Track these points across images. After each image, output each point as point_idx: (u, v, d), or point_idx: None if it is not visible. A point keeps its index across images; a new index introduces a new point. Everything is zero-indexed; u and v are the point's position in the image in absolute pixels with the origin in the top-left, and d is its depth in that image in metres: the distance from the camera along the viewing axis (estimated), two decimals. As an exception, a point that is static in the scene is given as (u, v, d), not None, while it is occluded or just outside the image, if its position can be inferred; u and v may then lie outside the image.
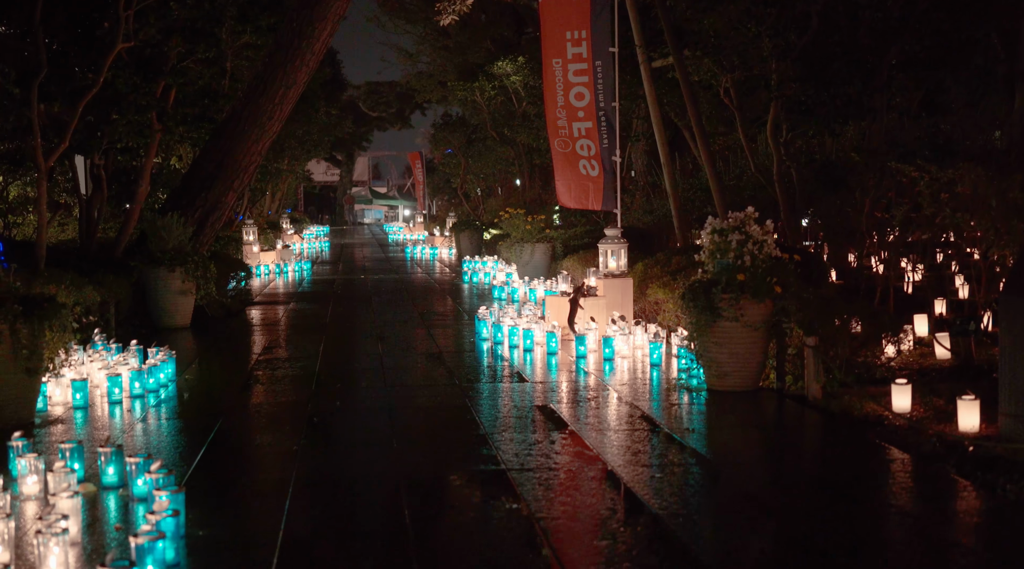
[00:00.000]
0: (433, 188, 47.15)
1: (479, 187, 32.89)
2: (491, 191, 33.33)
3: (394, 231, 48.04)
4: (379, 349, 10.72)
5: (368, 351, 10.64)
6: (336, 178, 72.01)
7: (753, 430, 7.10)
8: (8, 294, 7.20)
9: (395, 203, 72.86)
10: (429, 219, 43.42)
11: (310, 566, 4.45)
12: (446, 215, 35.52)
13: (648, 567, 4.38)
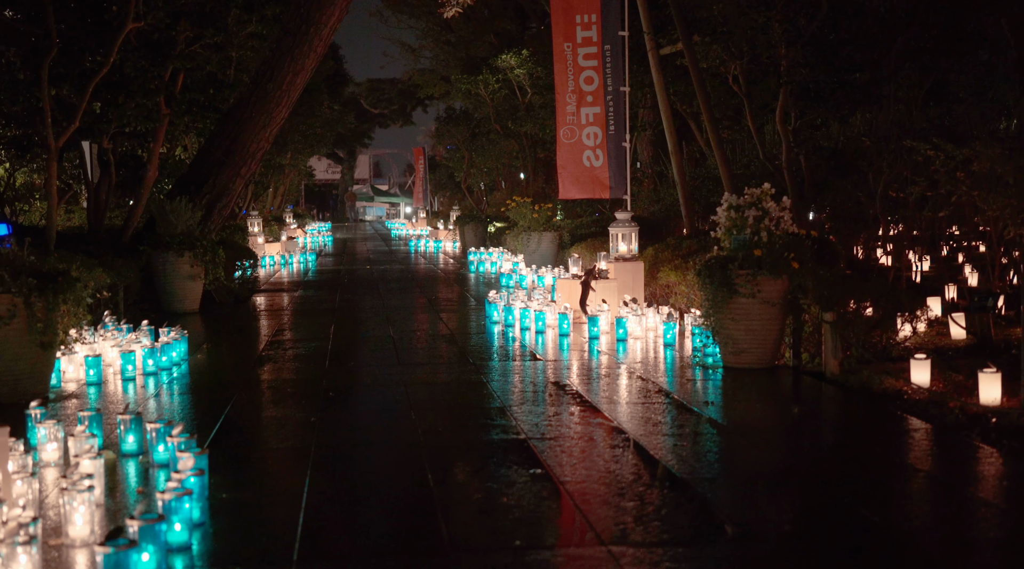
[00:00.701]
0: (436, 184, 47.11)
1: (482, 181, 32.85)
2: (495, 185, 33.28)
3: (396, 227, 47.97)
4: (390, 331, 10.69)
5: (379, 334, 10.60)
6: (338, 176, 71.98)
7: (772, 403, 7.07)
8: (22, 267, 7.15)
9: (396, 200, 72.78)
10: (432, 215, 43.37)
11: (338, 525, 4.41)
12: (449, 210, 35.48)
13: (678, 526, 4.34)
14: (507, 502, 4.64)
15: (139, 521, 3.76)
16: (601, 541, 4.11)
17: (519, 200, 17.93)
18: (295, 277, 18.51)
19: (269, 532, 4.34)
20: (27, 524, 3.74)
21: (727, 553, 4.06)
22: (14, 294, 6.99)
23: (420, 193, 49.52)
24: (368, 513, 4.58)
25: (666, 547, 4.07)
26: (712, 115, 14.08)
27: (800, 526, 4.40)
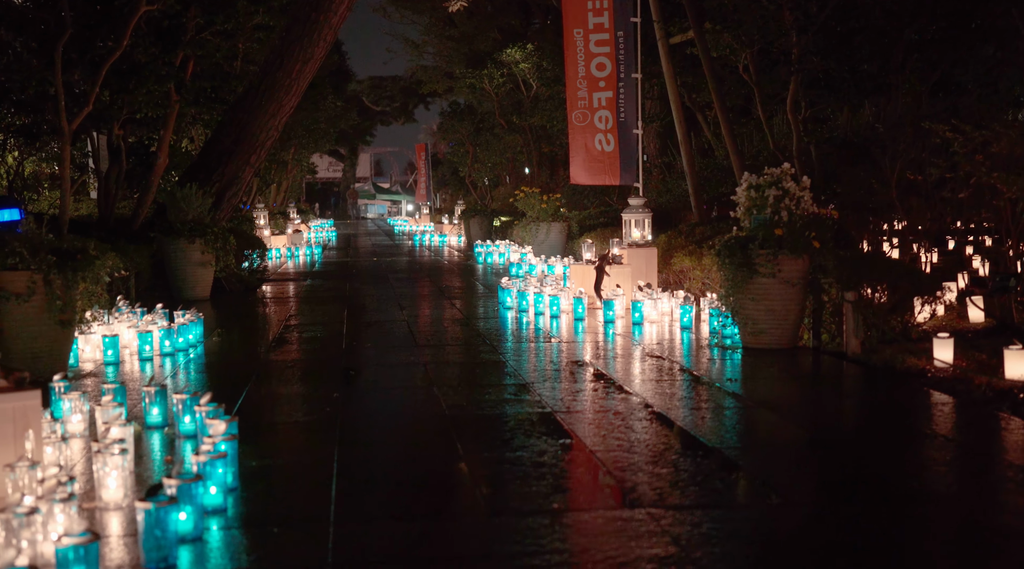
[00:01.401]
0: (438, 181, 47.05)
1: (486, 177, 32.82)
2: (498, 180, 33.26)
3: (399, 223, 47.92)
4: (404, 316, 10.66)
5: (393, 318, 10.56)
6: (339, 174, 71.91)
7: (795, 380, 7.04)
8: (41, 244, 7.12)
9: (398, 198, 72.75)
10: (434, 211, 43.32)
11: (372, 490, 4.38)
12: (453, 205, 35.43)
13: (715, 491, 4.31)
14: (540, 469, 4.61)
15: (177, 480, 3.73)
16: (639, 504, 4.08)
17: (527, 190, 17.90)
18: (302, 269, 18.48)
19: (303, 496, 4.31)
20: (64, 483, 3.71)
21: (764, 515, 4.03)
22: (33, 271, 6.96)
23: (422, 189, 49.44)
24: (401, 479, 4.55)
25: (704, 509, 4.04)
26: (723, 103, 14.04)
27: (834, 491, 4.37)
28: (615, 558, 3.48)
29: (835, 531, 3.83)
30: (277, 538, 3.77)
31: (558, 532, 3.76)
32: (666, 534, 3.73)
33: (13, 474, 3.91)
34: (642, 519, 3.89)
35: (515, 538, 3.70)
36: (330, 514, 3.99)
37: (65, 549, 3.07)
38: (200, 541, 3.72)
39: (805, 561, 3.54)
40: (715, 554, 3.58)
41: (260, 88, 14.40)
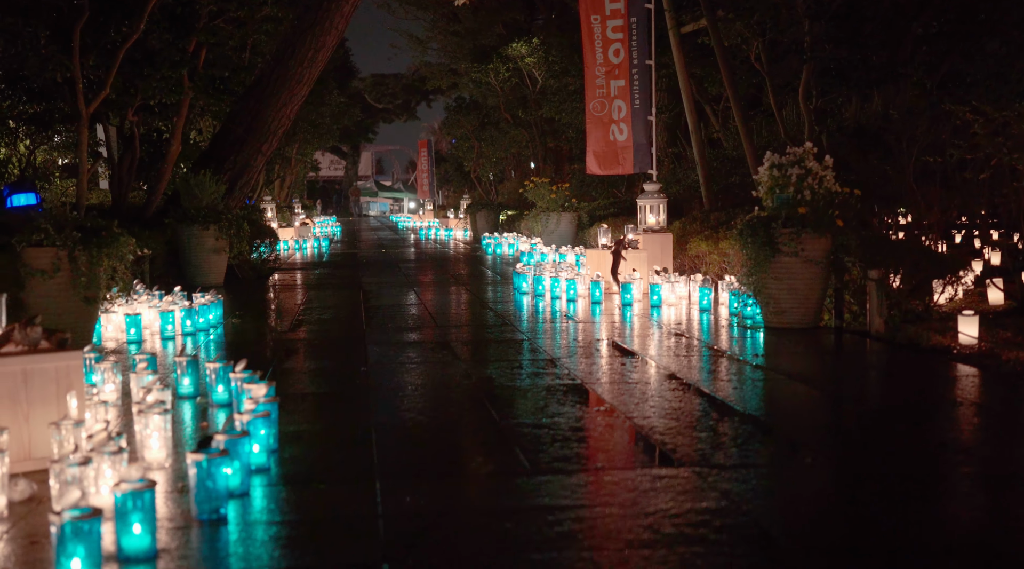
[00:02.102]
0: (441, 178, 47.02)
1: (491, 172, 32.80)
2: (503, 175, 33.24)
3: (403, 219, 47.90)
4: (421, 300, 10.65)
5: (410, 302, 10.56)
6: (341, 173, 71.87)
7: (822, 355, 7.04)
8: (66, 221, 7.12)
9: (400, 196, 72.73)
10: (437, 208, 43.30)
11: (413, 452, 4.38)
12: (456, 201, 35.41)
13: (756, 452, 4.31)
14: (578, 433, 4.61)
15: (226, 435, 3.73)
16: (684, 463, 4.07)
17: (537, 181, 17.90)
18: (312, 259, 18.47)
19: (344, 457, 4.31)
20: (114, 437, 3.71)
21: (807, 474, 4.03)
22: (59, 247, 6.97)
23: (425, 186, 49.42)
24: (441, 443, 4.55)
25: (748, 468, 4.04)
26: (736, 91, 14.03)
27: (872, 451, 4.37)
28: (666, 510, 3.48)
29: (873, 486, 3.82)
30: (324, 494, 3.77)
31: (605, 488, 3.76)
32: (714, 489, 3.73)
33: (59, 434, 3.91)
34: (688, 477, 3.89)
35: (563, 493, 3.70)
36: (373, 473, 3.99)
37: (124, 495, 3.07)
38: (247, 497, 3.71)
39: (845, 515, 3.53)
40: (764, 506, 3.58)
41: (272, 76, 14.39)
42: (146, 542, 3.10)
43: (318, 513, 3.54)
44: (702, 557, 3.07)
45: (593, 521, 3.38)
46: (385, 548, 3.16)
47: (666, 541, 3.18)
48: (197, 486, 3.45)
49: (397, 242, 25.69)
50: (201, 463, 3.44)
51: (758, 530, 3.35)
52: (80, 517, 2.81)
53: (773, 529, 3.35)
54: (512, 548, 3.14)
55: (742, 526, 3.37)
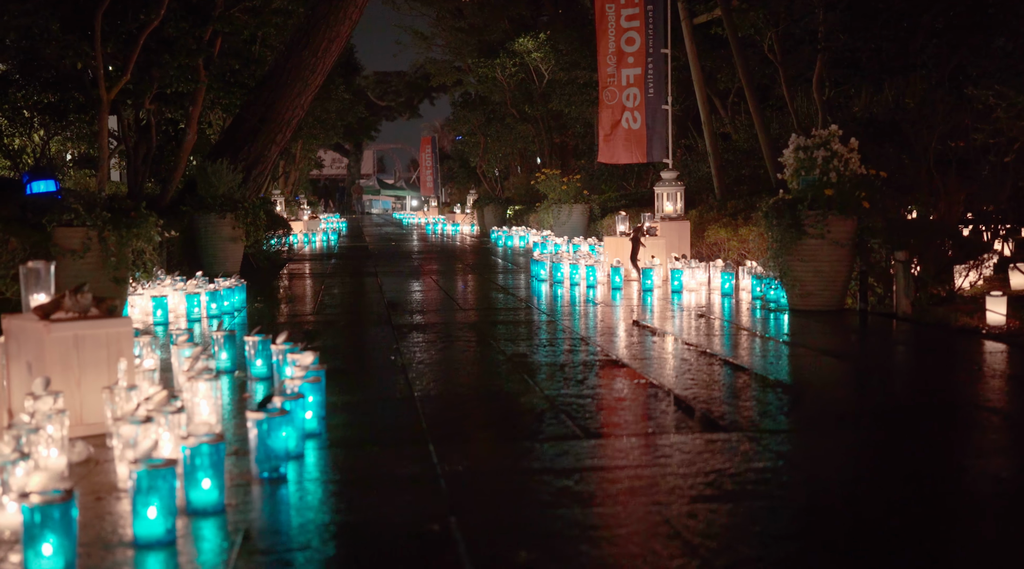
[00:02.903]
0: (445, 175, 47.00)
1: (497, 167, 32.80)
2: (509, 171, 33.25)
3: (407, 216, 47.90)
4: (439, 286, 10.66)
5: (429, 288, 10.57)
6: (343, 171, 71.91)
7: (851, 334, 7.05)
8: (95, 202, 7.14)
9: (402, 193, 72.77)
10: (442, 205, 43.31)
11: (459, 419, 4.40)
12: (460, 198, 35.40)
13: (805, 419, 4.32)
14: (622, 402, 4.63)
15: (282, 397, 3.74)
16: (732, 429, 4.09)
17: (548, 172, 17.91)
18: (323, 251, 18.49)
19: (392, 424, 4.33)
20: (172, 398, 3.72)
21: (852, 438, 4.05)
22: (89, 227, 6.99)
23: (429, 183, 49.41)
24: (487, 412, 4.56)
25: (798, 433, 4.06)
26: (751, 81, 14.04)
27: (918, 416, 4.38)
28: (724, 470, 3.49)
29: (919, 445, 3.84)
30: (378, 456, 3.78)
31: (660, 450, 3.77)
32: (768, 451, 3.74)
33: (112, 404, 3.93)
34: (740, 440, 3.90)
35: (619, 455, 3.71)
36: (425, 438, 4.00)
37: (195, 448, 3.08)
38: (301, 459, 3.72)
39: (895, 470, 3.54)
40: (820, 465, 3.59)
41: (286, 67, 14.39)
42: (214, 496, 3.11)
43: (376, 473, 3.55)
44: (769, 511, 3.09)
45: (653, 479, 3.39)
46: (449, 503, 3.17)
47: (729, 497, 3.20)
48: (258, 445, 3.46)
49: (405, 236, 25.71)
50: (262, 422, 3.45)
51: (820, 486, 3.36)
52: (159, 465, 2.82)
53: (832, 485, 3.37)
54: (578, 502, 3.15)
55: (803, 483, 3.39)
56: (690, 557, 2.68)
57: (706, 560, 2.66)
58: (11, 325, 4.21)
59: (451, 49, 36.56)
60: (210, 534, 2.92)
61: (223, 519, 3.05)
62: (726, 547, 2.77)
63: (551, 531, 2.90)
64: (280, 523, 3.03)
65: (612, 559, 2.67)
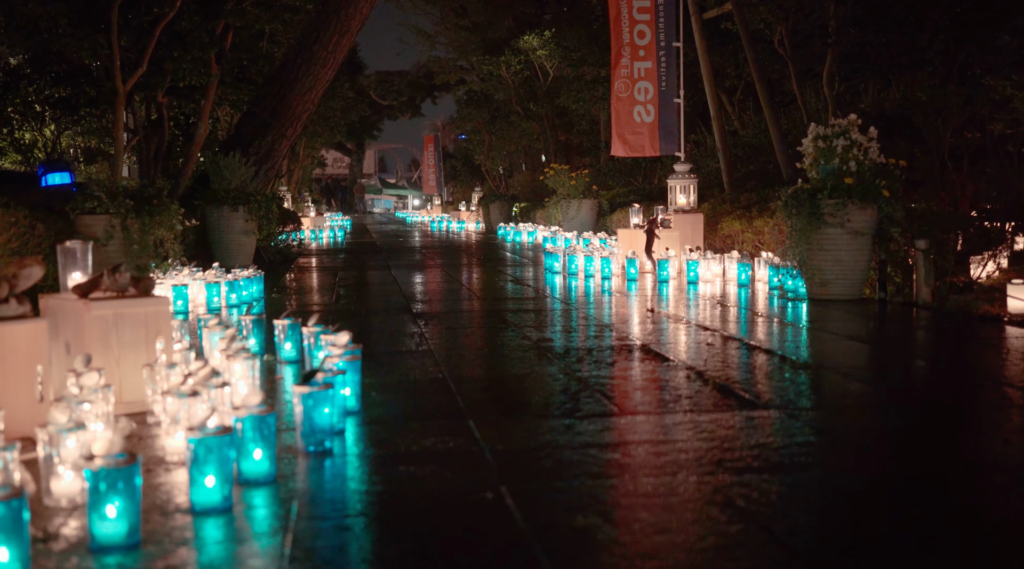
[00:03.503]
0: (447, 173, 47.00)
1: (501, 165, 32.82)
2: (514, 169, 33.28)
3: (410, 215, 47.90)
4: (454, 278, 10.67)
5: (444, 280, 10.58)
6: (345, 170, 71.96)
7: (875, 322, 7.05)
8: (118, 190, 7.15)
9: (404, 193, 72.80)
10: (445, 203, 43.32)
11: (496, 398, 4.41)
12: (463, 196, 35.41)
13: (840, 397, 4.33)
14: (655, 383, 4.64)
15: (324, 372, 3.75)
16: (769, 407, 4.10)
17: (557, 167, 17.92)
18: (331, 246, 18.50)
19: (429, 402, 4.33)
20: (214, 374, 3.72)
21: (895, 417, 4.06)
22: (112, 215, 6.99)
23: (432, 181, 49.41)
24: (521, 391, 4.57)
25: (836, 410, 4.07)
26: (762, 75, 14.05)
27: (949, 392, 4.39)
28: (767, 444, 3.50)
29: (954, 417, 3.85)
30: (420, 431, 3.79)
31: (700, 426, 3.78)
32: (809, 426, 3.76)
33: (152, 382, 3.94)
34: (779, 417, 3.92)
35: (660, 431, 3.72)
36: (463, 415, 4.01)
37: (247, 419, 3.09)
38: (342, 435, 3.73)
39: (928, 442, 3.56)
40: (864, 439, 3.61)
41: (296, 61, 14.40)
42: (265, 466, 3.12)
43: (420, 447, 3.56)
44: (819, 481, 3.10)
45: (698, 452, 3.40)
46: (498, 473, 3.18)
47: (777, 468, 3.21)
48: (304, 418, 3.47)
49: (412, 233, 25.73)
50: (308, 396, 3.46)
51: (867, 458, 3.38)
52: (216, 433, 2.83)
53: (880, 455, 3.38)
54: (625, 473, 3.17)
55: (849, 456, 3.40)
56: (748, 522, 2.69)
57: (764, 525, 2.67)
58: (49, 304, 4.22)
59: (455, 47, 36.61)
60: (264, 502, 2.93)
61: (274, 489, 3.06)
62: (782, 513, 2.78)
63: (604, 499, 2.91)
64: (333, 492, 3.04)
65: (670, 523, 2.68)
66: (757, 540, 2.57)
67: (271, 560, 2.46)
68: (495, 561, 2.46)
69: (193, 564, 2.46)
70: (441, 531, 2.69)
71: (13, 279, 3.44)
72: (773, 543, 2.55)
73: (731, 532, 2.62)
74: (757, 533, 2.61)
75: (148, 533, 2.65)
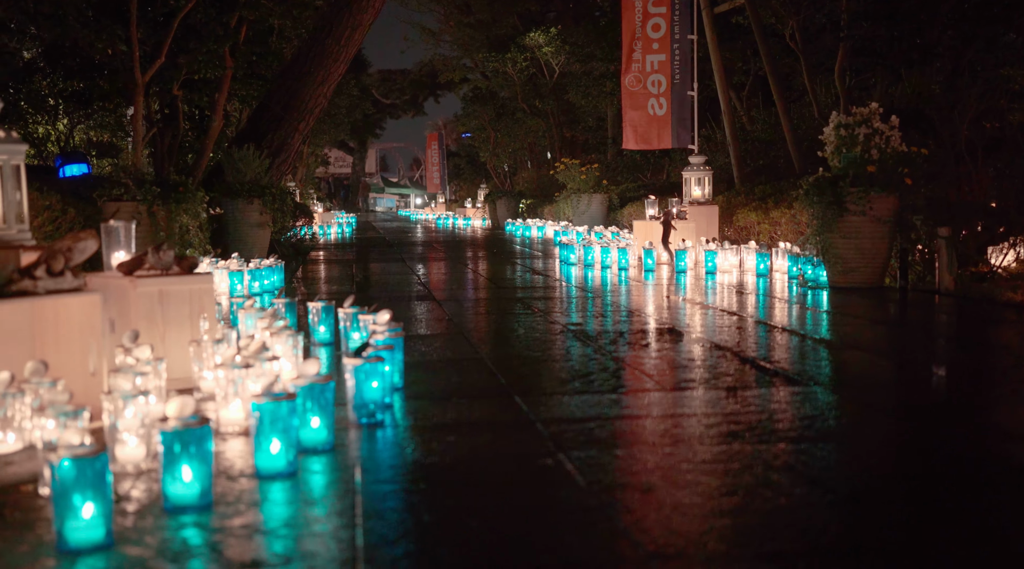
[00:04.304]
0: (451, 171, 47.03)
1: (506, 162, 32.83)
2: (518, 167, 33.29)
3: (414, 213, 47.93)
4: (471, 268, 10.69)
5: (461, 271, 10.60)
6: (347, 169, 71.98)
7: (898, 306, 7.08)
8: (144, 177, 7.17)
9: (407, 191, 72.82)
10: (449, 201, 43.34)
11: (537, 375, 4.43)
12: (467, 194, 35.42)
13: (880, 373, 4.36)
14: (692, 362, 4.66)
15: (373, 346, 3.77)
16: (811, 383, 4.12)
17: (568, 162, 17.94)
18: (342, 241, 18.52)
19: (470, 380, 4.35)
20: (262, 348, 3.75)
21: (936, 395, 4.08)
22: (139, 202, 7.01)
23: (436, 179, 49.43)
24: (558, 369, 4.59)
25: (879, 387, 4.09)
26: (775, 68, 14.07)
27: (982, 365, 4.42)
28: (816, 416, 3.52)
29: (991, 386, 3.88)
30: (467, 406, 3.81)
31: (747, 400, 3.80)
32: (853, 402, 3.78)
33: (200, 360, 3.97)
34: (822, 392, 3.94)
35: (707, 404, 3.74)
36: (507, 392, 4.03)
37: (305, 387, 3.11)
38: (390, 408, 3.76)
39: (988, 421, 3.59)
40: (911, 416, 3.63)
41: (309, 55, 14.42)
42: (323, 434, 3.14)
43: (472, 419, 3.59)
44: (872, 452, 3.13)
45: (750, 424, 3.42)
46: (554, 442, 3.20)
47: (831, 436, 3.23)
48: (356, 390, 3.50)
49: (418, 230, 25.76)
50: (360, 368, 3.48)
51: (916, 434, 3.40)
52: (281, 398, 2.86)
53: (926, 434, 3.41)
54: (680, 442, 3.19)
55: (898, 431, 3.43)
56: (811, 486, 2.71)
57: (829, 488, 2.69)
58: (93, 282, 4.24)
59: (459, 45, 36.64)
60: (326, 468, 2.96)
61: (333, 457, 3.08)
62: (844, 478, 2.81)
63: (664, 465, 2.93)
64: (393, 459, 3.06)
65: (733, 487, 2.71)
66: (822, 501, 2.59)
67: (346, 520, 2.48)
68: (570, 517, 2.49)
69: (270, 523, 2.48)
70: (509, 493, 2.71)
71: (68, 252, 3.47)
72: (839, 504, 2.58)
73: (796, 493, 2.65)
74: (822, 495, 2.64)
75: (218, 496, 2.68)
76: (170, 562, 2.22)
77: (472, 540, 2.34)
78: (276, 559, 2.22)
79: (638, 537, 2.33)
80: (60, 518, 2.28)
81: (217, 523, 2.47)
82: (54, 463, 2.27)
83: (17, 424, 3.01)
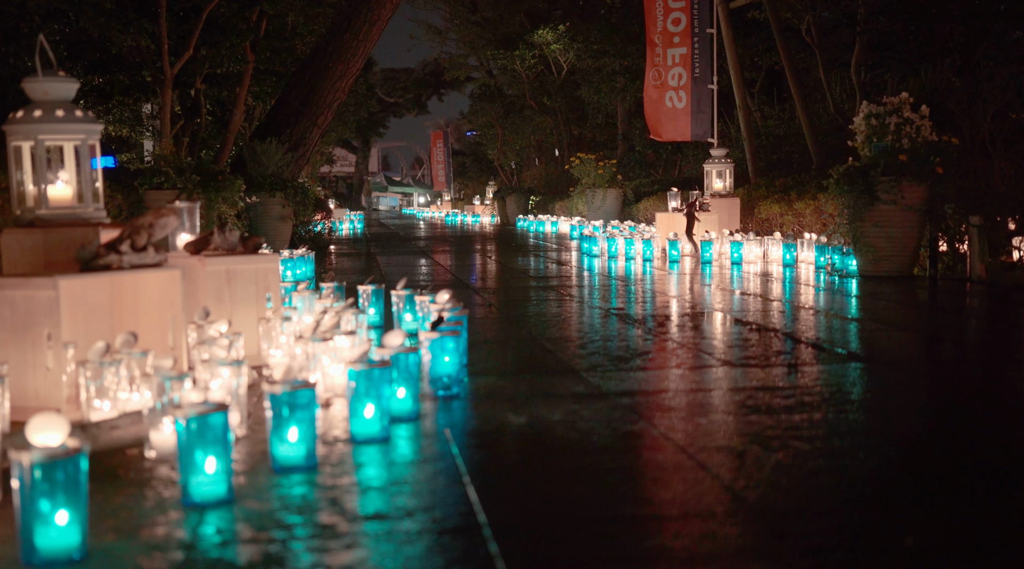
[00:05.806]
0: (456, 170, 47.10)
1: (513, 160, 32.90)
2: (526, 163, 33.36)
3: (419, 211, 47.98)
4: (495, 260, 10.75)
5: (484, 262, 10.65)
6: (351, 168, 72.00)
7: (932, 294, 7.13)
8: (184, 165, 7.23)
9: (410, 190, 72.89)
10: (455, 199, 43.41)
11: (587, 352, 4.49)
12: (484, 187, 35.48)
13: (927, 351, 4.41)
14: (739, 339, 4.72)
15: (448, 322, 3.82)
16: (856, 360, 4.18)
17: (583, 156, 18.00)
18: (356, 236, 18.57)
19: (530, 358, 4.41)
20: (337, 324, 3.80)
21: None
22: (179, 189, 7.07)
23: (441, 177, 49.49)
24: (615, 348, 4.64)
25: (922, 362, 4.15)
26: (792, 62, 14.12)
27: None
28: (845, 393, 3.58)
29: None
30: (536, 381, 3.87)
31: (812, 374, 3.86)
32: (900, 373, 3.84)
33: (268, 338, 4.02)
34: (869, 367, 4.00)
35: (772, 379, 3.80)
36: (573, 368, 4.09)
37: (392, 357, 3.17)
38: (462, 382, 3.81)
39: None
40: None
41: (327, 50, 14.47)
42: (408, 404, 3.20)
43: (547, 391, 3.64)
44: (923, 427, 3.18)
45: (804, 399, 3.47)
46: (636, 412, 3.25)
47: (895, 407, 3.29)
48: (433, 363, 3.55)
49: (428, 226, 25.81)
50: (436, 342, 3.54)
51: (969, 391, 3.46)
52: (376, 365, 2.91)
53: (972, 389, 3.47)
54: (760, 411, 3.24)
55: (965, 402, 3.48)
56: (900, 451, 2.77)
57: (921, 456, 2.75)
58: (160, 261, 4.30)
59: (466, 43, 36.70)
60: (416, 435, 3.01)
61: (420, 425, 3.14)
62: (917, 439, 2.86)
63: (750, 432, 2.99)
64: (480, 425, 3.12)
65: (809, 454, 2.76)
66: (912, 464, 2.65)
67: (452, 478, 2.53)
68: (674, 475, 2.54)
69: (377, 481, 2.54)
70: (607, 453, 2.77)
71: (150, 228, 3.52)
72: (925, 466, 2.64)
73: (887, 452, 2.70)
74: (915, 467, 2.69)
75: (320, 458, 2.73)
76: (297, 513, 2.28)
77: (588, 497, 2.39)
78: (398, 512, 2.28)
79: (747, 495, 2.39)
80: (185, 473, 2.34)
81: (328, 482, 2.53)
82: (180, 421, 2.33)
83: (112, 393, 3.07)
